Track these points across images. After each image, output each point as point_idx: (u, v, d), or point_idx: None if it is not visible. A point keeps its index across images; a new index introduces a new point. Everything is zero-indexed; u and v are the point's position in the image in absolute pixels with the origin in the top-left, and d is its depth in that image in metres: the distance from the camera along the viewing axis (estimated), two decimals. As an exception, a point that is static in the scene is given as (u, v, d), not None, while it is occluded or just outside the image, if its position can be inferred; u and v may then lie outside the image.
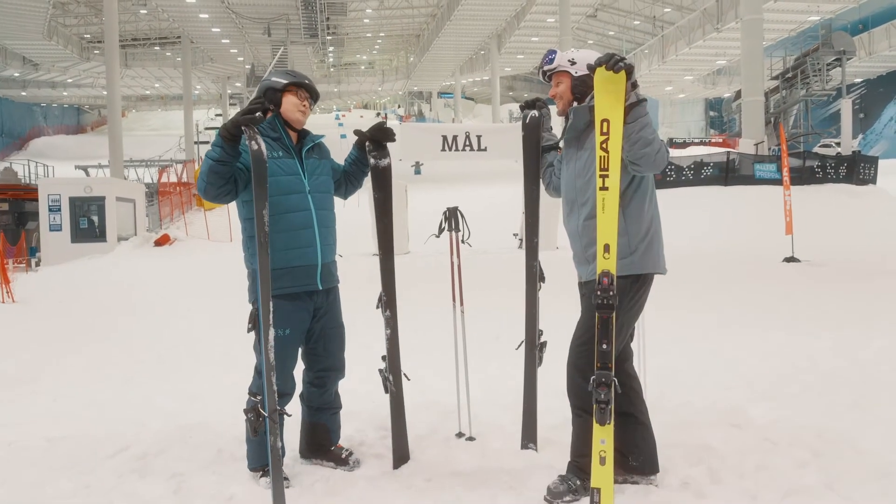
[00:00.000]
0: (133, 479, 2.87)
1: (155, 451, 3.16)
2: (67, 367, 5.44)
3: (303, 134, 2.88)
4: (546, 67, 2.67)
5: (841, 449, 2.93)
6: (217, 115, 52.64)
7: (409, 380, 3.02)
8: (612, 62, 2.33)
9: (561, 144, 2.81)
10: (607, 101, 2.38)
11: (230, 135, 2.55)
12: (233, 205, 2.82)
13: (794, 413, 3.44)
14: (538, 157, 2.93)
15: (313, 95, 2.87)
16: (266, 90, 2.80)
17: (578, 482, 2.54)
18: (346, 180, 3.04)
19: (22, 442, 3.38)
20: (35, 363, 5.57)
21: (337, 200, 3.02)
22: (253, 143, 2.52)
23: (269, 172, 2.66)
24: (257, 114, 2.55)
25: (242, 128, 2.53)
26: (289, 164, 2.76)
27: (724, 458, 2.85)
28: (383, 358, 2.92)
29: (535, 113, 2.93)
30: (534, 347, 2.99)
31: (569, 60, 2.63)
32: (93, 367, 5.43)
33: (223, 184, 2.64)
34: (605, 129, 2.38)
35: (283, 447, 2.79)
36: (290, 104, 2.79)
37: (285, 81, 2.79)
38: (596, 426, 2.36)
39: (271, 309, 2.59)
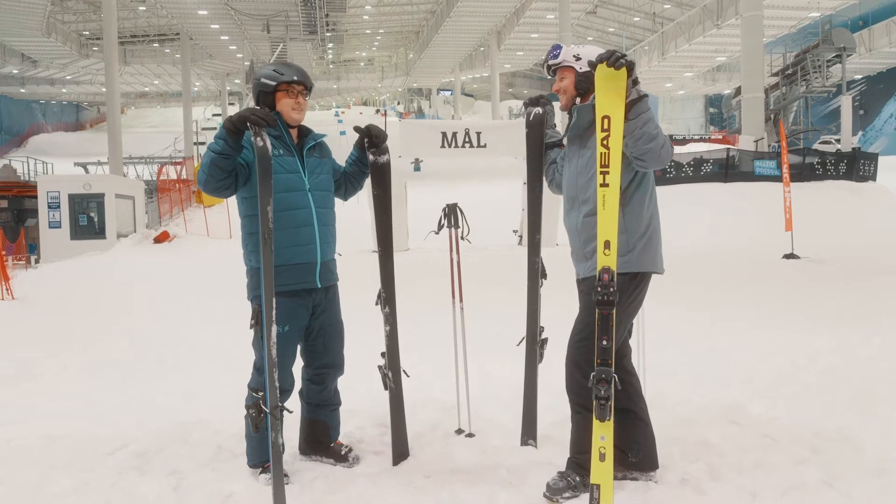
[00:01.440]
0: (132, 476, 2.87)
1: (154, 448, 3.16)
2: (66, 365, 5.44)
3: (304, 132, 2.87)
4: (551, 62, 2.66)
5: (840, 446, 2.93)
6: (214, 114, 52.56)
7: (408, 376, 3.02)
8: (614, 59, 2.33)
9: (564, 141, 2.80)
10: (608, 98, 2.38)
11: (235, 128, 2.54)
12: (233, 201, 2.81)
13: (793, 410, 3.45)
14: (541, 154, 2.92)
15: (308, 86, 2.80)
16: (259, 94, 2.77)
17: (578, 479, 2.54)
18: (346, 181, 3.03)
19: (21, 440, 3.38)
20: (34, 361, 5.56)
21: (336, 199, 3.01)
22: (258, 139, 2.51)
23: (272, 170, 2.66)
24: (267, 121, 2.53)
25: (248, 123, 2.52)
26: (289, 162, 2.75)
27: (724, 455, 2.85)
28: (383, 355, 2.92)
29: (538, 110, 2.92)
30: (535, 344, 2.99)
31: (574, 56, 2.62)
32: (92, 364, 5.43)
33: (224, 177, 2.63)
34: (605, 126, 2.38)
35: (282, 444, 2.79)
36: (285, 106, 2.76)
37: (274, 83, 2.74)
38: (595, 423, 2.36)
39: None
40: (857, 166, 18.80)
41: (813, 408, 3.49)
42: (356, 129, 2.97)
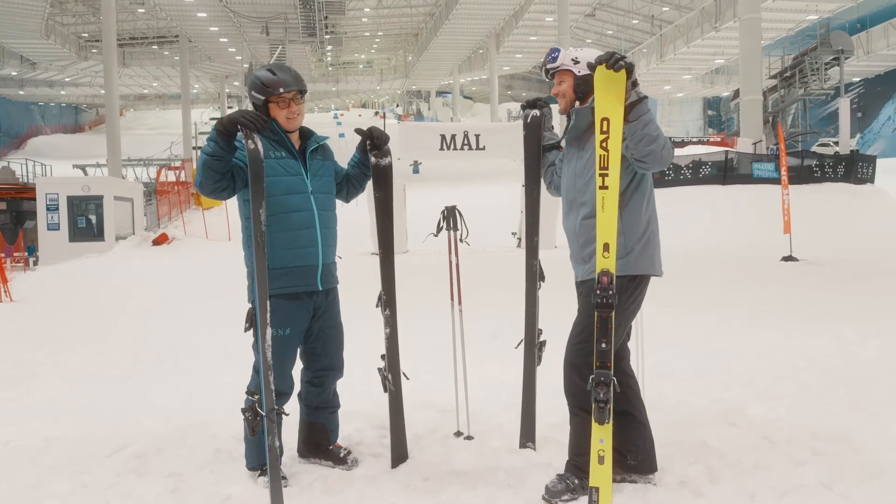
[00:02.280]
0: (130, 478, 2.87)
1: (153, 450, 3.16)
2: (65, 366, 5.43)
3: (307, 134, 2.86)
4: (549, 66, 2.66)
5: (838, 448, 2.93)
6: (212, 118, 52.54)
7: (408, 379, 3.02)
8: (613, 61, 2.33)
9: (562, 143, 2.81)
10: (607, 100, 2.38)
11: (225, 130, 2.53)
12: (232, 203, 2.81)
13: (791, 412, 3.45)
14: (539, 157, 2.92)
15: (301, 90, 2.76)
16: (253, 104, 2.74)
17: (577, 481, 2.54)
18: (347, 183, 3.02)
19: (19, 441, 3.37)
20: (33, 362, 5.55)
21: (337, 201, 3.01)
22: (249, 142, 2.51)
23: (272, 172, 2.65)
24: (257, 124, 2.52)
25: (238, 126, 2.52)
26: (291, 165, 2.75)
27: (723, 457, 2.85)
28: (382, 357, 2.92)
29: (536, 112, 2.93)
30: (533, 346, 2.99)
31: (572, 59, 2.62)
32: (91, 366, 5.42)
33: (218, 179, 2.62)
34: (605, 128, 2.38)
35: (281, 446, 2.79)
36: (279, 117, 2.72)
37: (263, 97, 2.69)
38: (595, 425, 2.36)
39: (272, 308, 2.59)
40: (855, 169, 18.84)
41: (812, 409, 3.49)
42: (357, 131, 2.97)
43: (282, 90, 2.68)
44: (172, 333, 6.62)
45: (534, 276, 2.96)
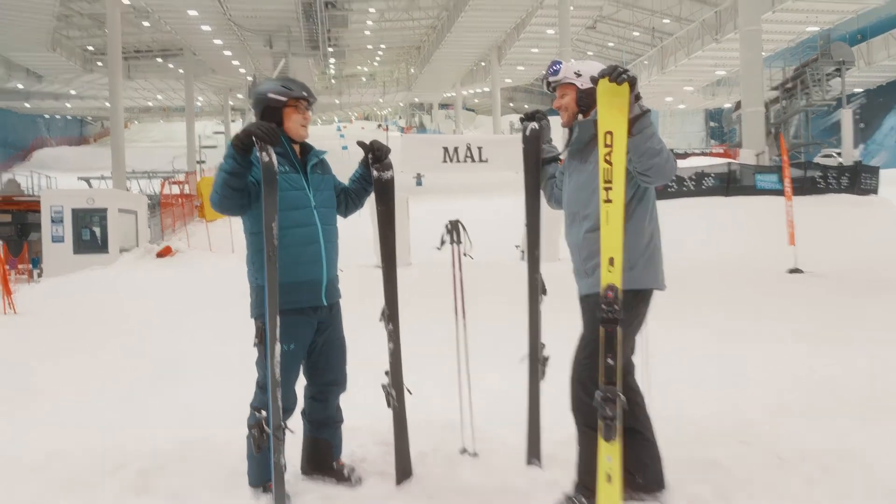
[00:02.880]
0: (132, 496, 2.83)
1: (154, 466, 3.12)
2: (68, 380, 5.40)
3: (307, 148, 2.86)
4: (551, 79, 2.65)
5: (850, 465, 2.89)
6: (216, 132, 52.70)
7: (411, 394, 2.99)
8: (616, 74, 2.32)
9: (563, 156, 2.79)
10: (611, 114, 2.37)
11: (243, 145, 2.53)
12: (235, 216, 2.79)
13: (801, 428, 3.40)
14: (539, 170, 2.91)
15: (311, 102, 2.80)
16: (264, 108, 2.74)
17: (584, 501, 2.50)
18: (346, 198, 3.00)
19: (20, 456, 3.34)
20: (35, 375, 5.53)
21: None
22: (264, 154, 2.51)
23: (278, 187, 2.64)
24: (270, 136, 2.53)
25: (254, 139, 2.51)
26: (295, 179, 2.74)
27: (732, 475, 2.81)
28: (387, 373, 2.89)
29: (535, 125, 2.92)
30: (536, 361, 2.96)
31: (574, 72, 2.61)
32: (94, 379, 5.39)
33: (238, 196, 2.62)
34: (608, 142, 2.37)
35: (284, 464, 2.76)
36: (294, 122, 2.73)
37: (285, 99, 2.71)
38: (602, 443, 2.32)
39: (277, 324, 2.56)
40: (858, 180, 18.82)
41: (821, 425, 3.44)
42: (359, 143, 2.96)
43: (304, 93, 2.74)
44: (175, 347, 6.59)
45: (536, 289, 2.94)
